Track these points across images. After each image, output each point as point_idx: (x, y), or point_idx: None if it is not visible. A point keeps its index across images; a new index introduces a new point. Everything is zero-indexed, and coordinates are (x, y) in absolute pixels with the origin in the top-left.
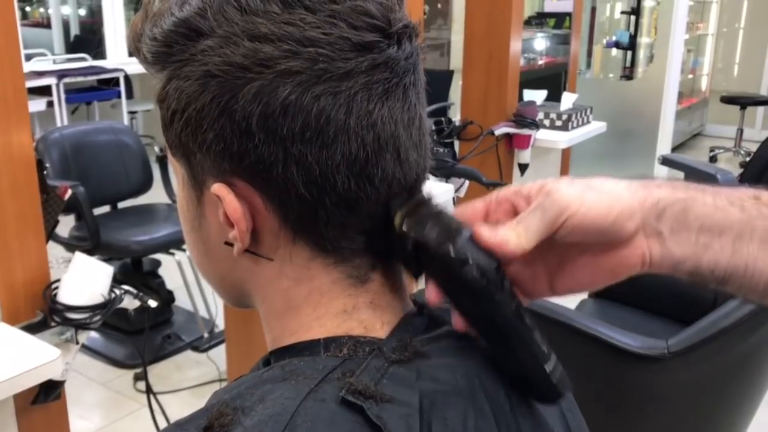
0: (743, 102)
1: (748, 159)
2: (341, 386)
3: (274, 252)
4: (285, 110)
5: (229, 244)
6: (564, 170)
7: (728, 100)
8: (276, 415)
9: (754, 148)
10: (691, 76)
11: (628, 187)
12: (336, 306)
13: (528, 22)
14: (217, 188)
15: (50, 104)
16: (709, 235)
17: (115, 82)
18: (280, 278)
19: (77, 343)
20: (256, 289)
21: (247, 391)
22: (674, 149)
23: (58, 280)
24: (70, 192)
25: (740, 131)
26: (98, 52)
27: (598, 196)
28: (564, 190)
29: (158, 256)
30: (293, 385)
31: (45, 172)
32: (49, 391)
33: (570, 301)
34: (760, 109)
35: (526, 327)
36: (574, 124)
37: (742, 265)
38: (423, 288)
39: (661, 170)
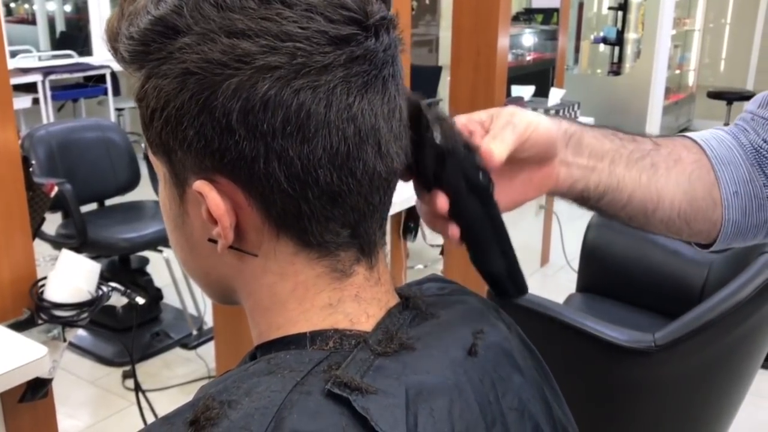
0: (730, 97)
1: None
2: (327, 379)
3: (258, 248)
4: (265, 105)
5: (213, 241)
6: None
7: (715, 95)
8: (262, 408)
9: None
10: (678, 71)
11: (550, 119)
12: (321, 300)
13: (516, 18)
14: (199, 185)
15: (36, 101)
16: (594, 160)
17: (101, 79)
18: (264, 274)
19: (64, 340)
20: (241, 285)
21: (233, 385)
22: None
23: (44, 278)
24: (56, 189)
25: (727, 126)
26: (84, 48)
27: (545, 119)
28: (523, 113)
29: (146, 253)
30: (279, 378)
31: (31, 169)
32: (37, 390)
33: (558, 296)
34: (746, 105)
35: (506, 229)
36: None
37: (615, 182)
38: (408, 282)
39: None
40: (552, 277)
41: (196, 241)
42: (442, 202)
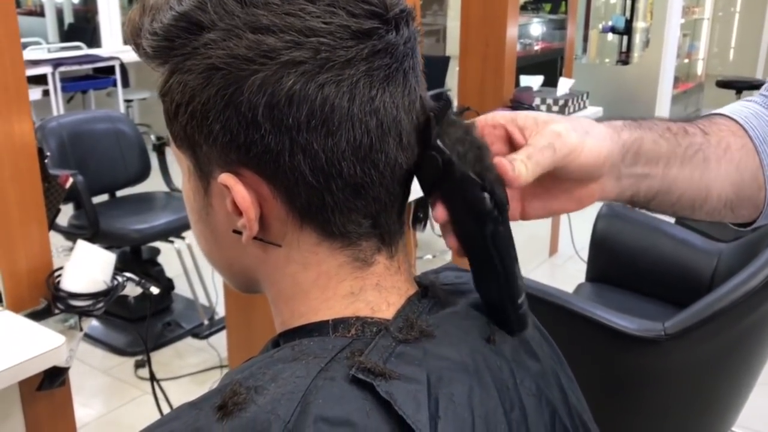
0: (739, 86)
1: None
2: (350, 365)
3: (281, 238)
4: (290, 100)
5: (237, 232)
6: None
7: (724, 84)
8: (289, 393)
9: None
10: (686, 60)
11: (606, 131)
12: (343, 288)
13: (524, 8)
14: (225, 178)
15: (45, 93)
16: (650, 166)
17: (110, 70)
18: (288, 263)
19: (81, 329)
20: (264, 275)
21: (258, 371)
22: None
23: (60, 268)
24: (71, 180)
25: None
26: (93, 40)
27: (593, 142)
28: (570, 135)
29: (157, 244)
30: (304, 365)
31: (46, 161)
32: (54, 378)
33: (567, 286)
34: (755, 93)
35: (513, 259)
36: (571, 110)
37: (667, 185)
38: (427, 270)
39: None
40: (561, 267)
41: (220, 232)
42: (440, 213)
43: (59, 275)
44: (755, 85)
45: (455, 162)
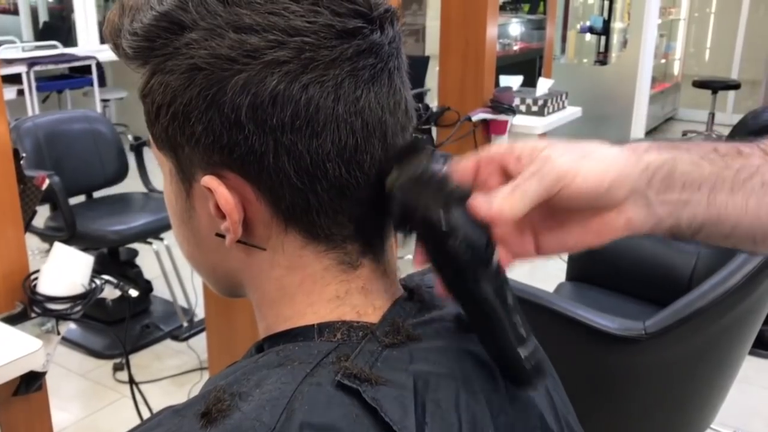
0: (715, 86)
1: None
2: (336, 370)
3: (266, 241)
4: (274, 100)
5: (221, 235)
6: None
7: (700, 84)
8: (274, 399)
9: (725, 131)
10: (663, 60)
11: (619, 154)
12: (329, 292)
13: (503, 8)
14: (208, 180)
15: (20, 93)
16: (690, 191)
17: (86, 69)
18: (272, 267)
19: (58, 333)
20: (248, 279)
21: (243, 377)
22: (648, 133)
23: (37, 271)
24: (47, 182)
25: (712, 115)
26: (68, 38)
27: (592, 165)
28: (560, 159)
29: (135, 245)
30: (289, 370)
31: (21, 162)
32: (31, 383)
33: (547, 285)
34: (731, 93)
35: (506, 307)
36: (550, 110)
37: (715, 214)
38: (413, 272)
39: None
40: (541, 266)
41: (203, 235)
42: (418, 258)
43: (36, 278)
44: (731, 86)
45: (417, 208)
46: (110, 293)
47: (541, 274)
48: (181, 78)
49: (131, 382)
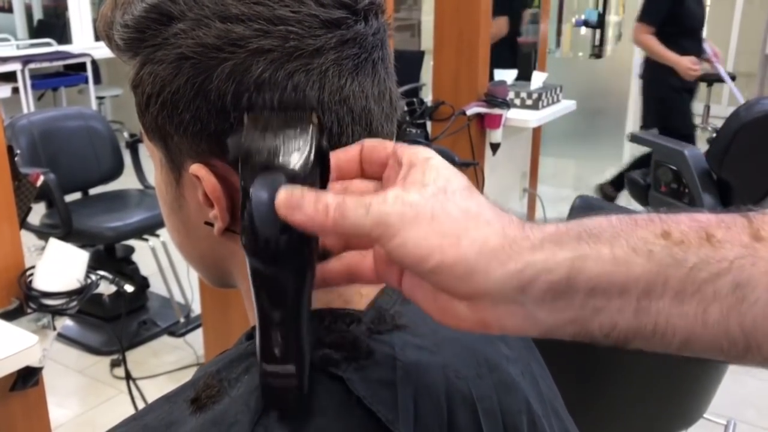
0: (710, 79)
1: (714, 135)
2: (322, 356)
3: None
4: (259, 88)
5: (210, 224)
6: (535, 149)
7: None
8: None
9: (720, 124)
10: None
11: (490, 238)
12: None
13: None
14: (196, 168)
15: (15, 91)
16: (604, 298)
17: (81, 67)
18: None
19: (54, 329)
20: (237, 268)
21: (232, 364)
22: (642, 126)
23: (32, 267)
24: (42, 179)
25: (707, 108)
26: (63, 36)
27: (425, 233)
28: (395, 204)
29: (131, 242)
30: None
31: (16, 159)
32: (27, 378)
33: None
34: (726, 86)
35: (286, 315)
36: (545, 103)
37: (650, 324)
38: None
39: (631, 147)
40: None
41: (192, 224)
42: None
43: (31, 274)
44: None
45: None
46: (106, 289)
47: None
48: (170, 67)
49: (128, 378)
